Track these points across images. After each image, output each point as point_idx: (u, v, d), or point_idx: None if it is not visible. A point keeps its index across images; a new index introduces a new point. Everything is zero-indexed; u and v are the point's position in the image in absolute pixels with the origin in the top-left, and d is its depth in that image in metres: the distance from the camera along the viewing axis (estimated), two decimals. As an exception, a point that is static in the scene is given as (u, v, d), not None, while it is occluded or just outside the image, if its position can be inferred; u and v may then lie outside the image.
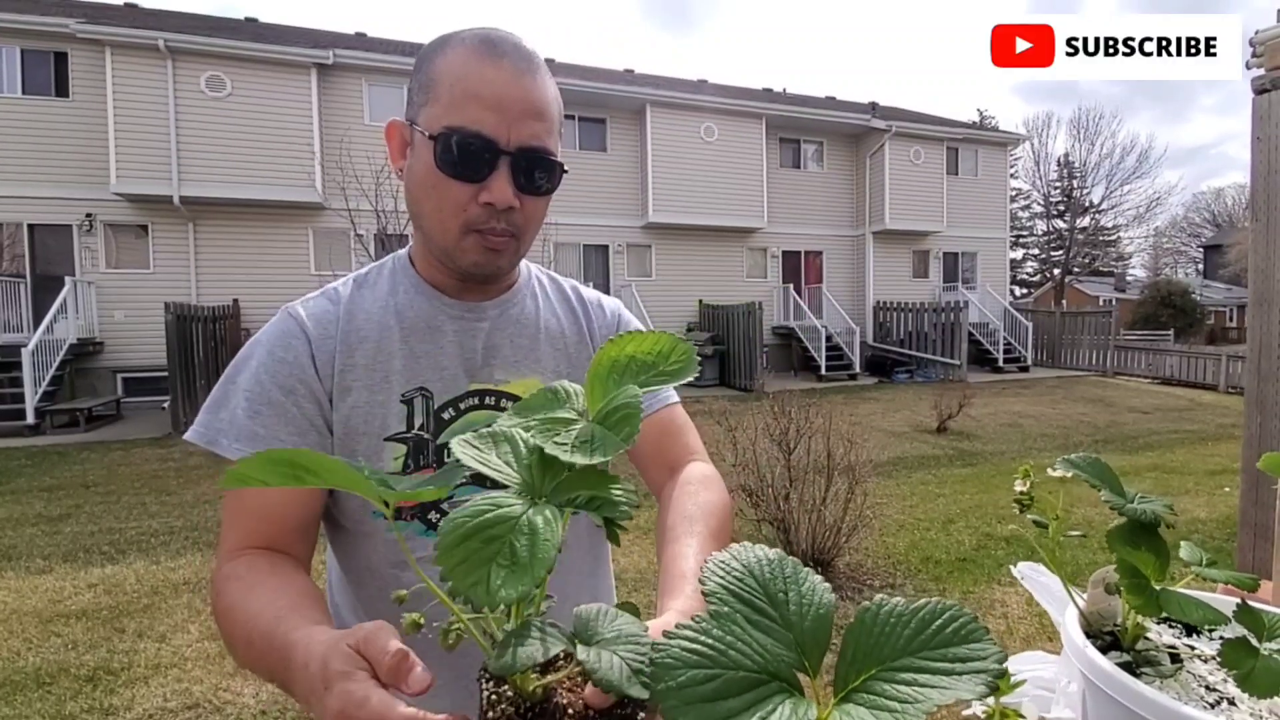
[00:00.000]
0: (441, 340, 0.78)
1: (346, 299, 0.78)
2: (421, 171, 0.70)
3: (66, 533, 4.83)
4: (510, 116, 0.67)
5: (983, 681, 0.27)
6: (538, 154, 0.70)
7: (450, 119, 0.67)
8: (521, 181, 0.70)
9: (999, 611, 3.35)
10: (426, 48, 0.73)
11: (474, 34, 0.70)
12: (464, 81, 0.67)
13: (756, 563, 0.31)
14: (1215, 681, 0.50)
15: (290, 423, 0.71)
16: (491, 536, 0.26)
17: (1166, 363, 14.32)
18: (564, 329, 0.87)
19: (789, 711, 0.25)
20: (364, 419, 0.73)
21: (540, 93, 0.70)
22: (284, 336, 0.73)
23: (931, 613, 0.29)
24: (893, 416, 9.25)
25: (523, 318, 0.83)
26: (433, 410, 0.76)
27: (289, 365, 0.72)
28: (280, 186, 11.48)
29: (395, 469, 0.73)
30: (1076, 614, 0.56)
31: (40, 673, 2.87)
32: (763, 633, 0.28)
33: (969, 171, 17.64)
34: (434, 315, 0.78)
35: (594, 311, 0.90)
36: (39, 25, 10.86)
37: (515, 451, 0.30)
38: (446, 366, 0.77)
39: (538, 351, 0.83)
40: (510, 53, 0.68)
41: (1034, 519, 0.55)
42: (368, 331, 0.76)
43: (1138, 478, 6.09)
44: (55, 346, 9.70)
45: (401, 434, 0.74)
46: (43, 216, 11.04)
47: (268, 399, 0.71)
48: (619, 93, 14.20)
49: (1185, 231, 45.71)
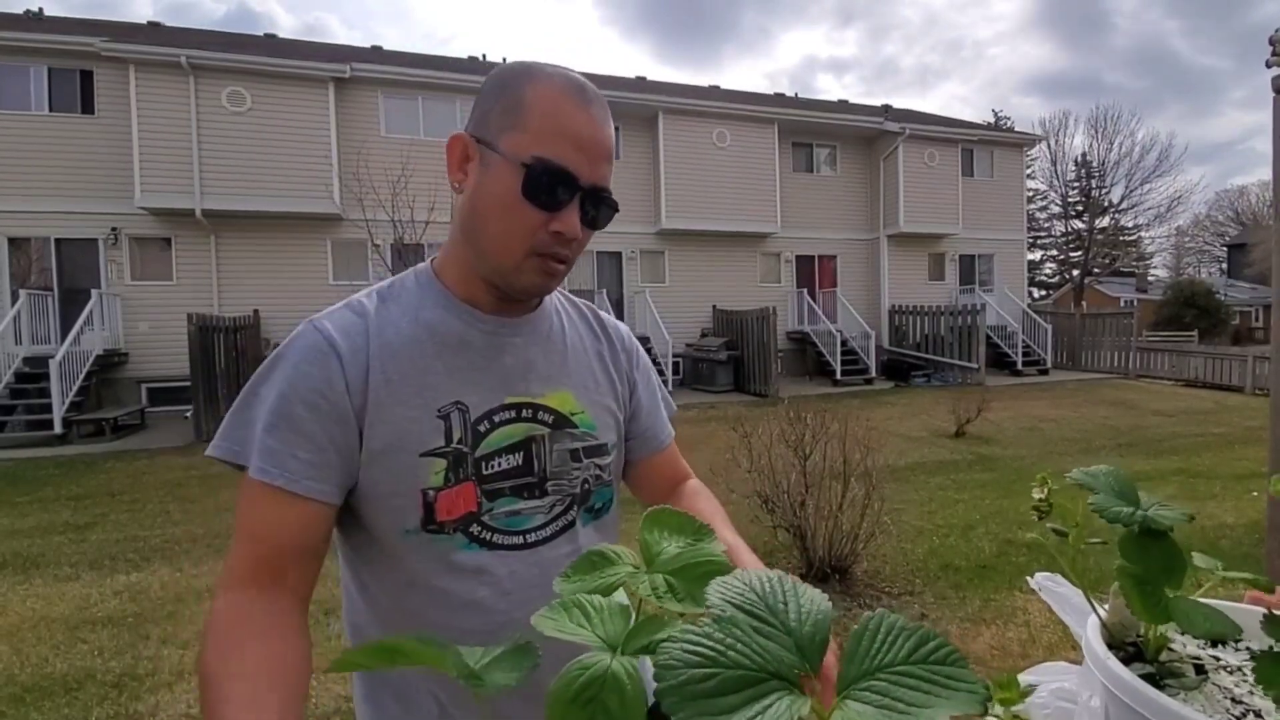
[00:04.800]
0: (475, 355, 0.79)
1: (373, 312, 0.77)
2: (498, 192, 0.72)
3: (93, 540, 4.92)
4: (591, 157, 0.72)
5: (978, 701, 0.29)
6: (604, 194, 0.75)
7: (540, 150, 0.70)
8: (586, 216, 0.74)
9: (1020, 620, 3.30)
10: (508, 73, 0.75)
11: (561, 73, 0.74)
12: (557, 118, 0.71)
13: (756, 579, 0.33)
14: (1241, 694, 0.49)
15: (308, 440, 0.69)
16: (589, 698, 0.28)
17: (1190, 364, 14.05)
18: (587, 347, 0.90)
19: (786, 706, 0.26)
20: (400, 435, 0.73)
21: (612, 141, 0.76)
22: (311, 351, 0.72)
23: (926, 635, 0.31)
24: (910, 421, 9.16)
25: (552, 334, 0.86)
26: (469, 424, 0.76)
27: (315, 380, 0.71)
28: (299, 198, 11.67)
29: (436, 483, 0.74)
30: (1098, 624, 0.55)
31: (68, 678, 2.92)
32: (763, 637, 0.29)
33: (984, 173, 17.48)
34: (466, 330, 0.79)
35: (613, 335, 0.95)
36: (66, 45, 11.16)
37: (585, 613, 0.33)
38: (482, 380, 0.78)
39: (567, 367, 0.86)
40: (595, 100, 0.74)
41: (1053, 527, 0.55)
42: (399, 346, 0.75)
43: (1163, 482, 5.98)
44: (82, 358, 9.91)
45: (441, 449, 0.74)
46: (69, 231, 11.31)
47: (288, 415, 0.69)
48: (631, 100, 14.26)
49: (1208, 230, 44.90)
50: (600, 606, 0.33)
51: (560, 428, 0.82)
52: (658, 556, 0.38)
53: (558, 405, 0.82)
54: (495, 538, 0.77)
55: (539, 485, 0.80)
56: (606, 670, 0.29)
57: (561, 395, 0.83)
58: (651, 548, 0.39)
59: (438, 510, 0.74)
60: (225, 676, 0.60)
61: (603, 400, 0.88)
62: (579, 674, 0.29)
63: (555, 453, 0.81)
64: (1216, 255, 44.52)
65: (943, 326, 14.70)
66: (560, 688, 0.29)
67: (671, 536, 0.40)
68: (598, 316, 0.96)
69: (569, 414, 0.83)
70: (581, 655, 0.30)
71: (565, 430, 0.82)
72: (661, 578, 0.36)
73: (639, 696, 0.28)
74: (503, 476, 0.77)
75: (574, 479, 0.83)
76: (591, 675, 0.29)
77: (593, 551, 0.39)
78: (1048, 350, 15.97)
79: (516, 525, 0.78)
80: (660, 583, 0.36)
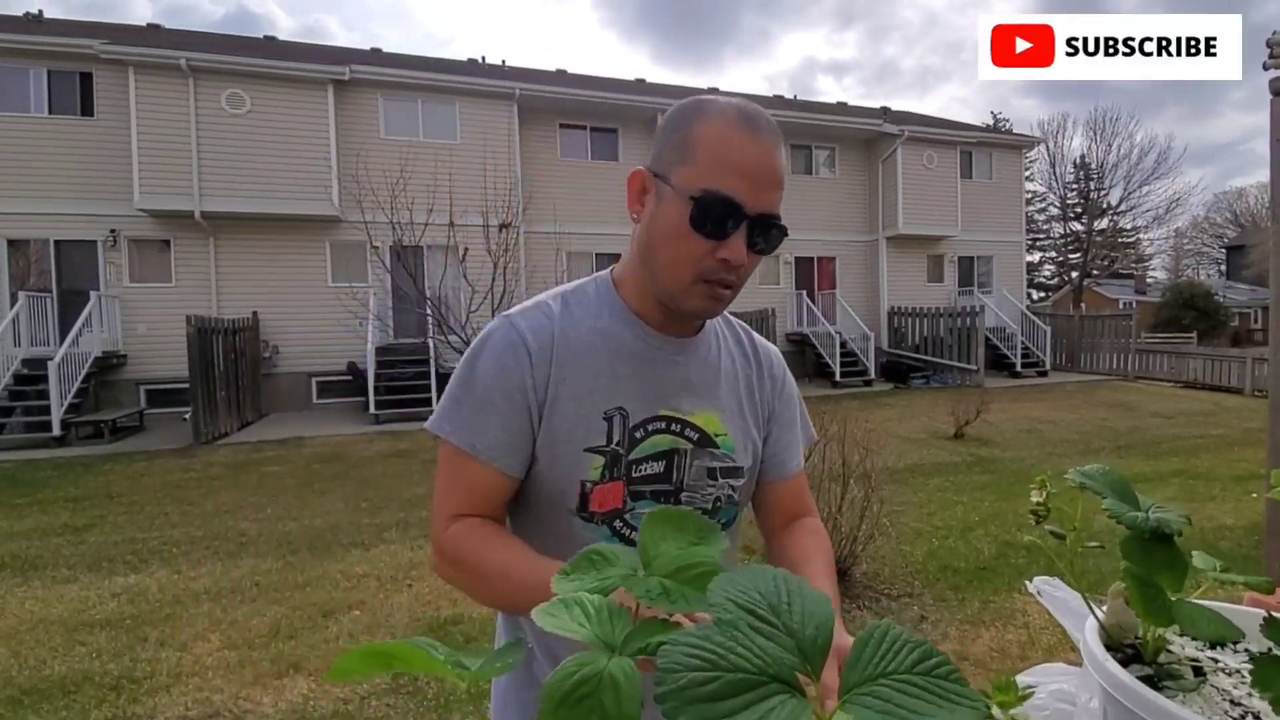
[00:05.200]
0: (640, 366, 0.86)
1: (559, 316, 0.85)
2: (669, 223, 0.77)
3: (91, 542, 4.91)
4: (758, 186, 0.75)
5: (979, 717, 0.29)
6: (772, 220, 0.77)
7: (707, 183, 0.74)
8: (753, 242, 0.77)
9: (1020, 621, 3.29)
10: (682, 110, 0.80)
11: (731, 105, 0.77)
12: (723, 150, 0.74)
13: (761, 579, 0.33)
14: (1240, 695, 0.49)
15: (505, 423, 0.81)
16: (583, 696, 0.28)
17: (1189, 366, 14.06)
18: (738, 372, 0.95)
19: (787, 711, 0.26)
20: (569, 430, 0.82)
21: (782, 167, 0.78)
22: (509, 345, 0.82)
23: (930, 650, 0.31)
24: (909, 423, 9.16)
25: (709, 357, 0.92)
26: (627, 428, 0.84)
27: (510, 372, 0.81)
28: (298, 200, 11.67)
29: (594, 477, 0.83)
30: (1096, 626, 0.55)
31: (66, 681, 2.92)
32: (765, 638, 0.29)
33: (983, 175, 17.51)
34: (635, 343, 0.86)
35: (764, 361, 0.99)
36: (65, 47, 11.16)
37: (585, 612, 0.33)
38: (642, 390, 0.85)
39: (718, 390, 0.91)
40: (764, 128, 0.76)
41: (1051, 530, 0.55)
42: (578, 351, 0.84)
43: (1162, 484, 5.98)
44: (80, 359, 9.90)
45: (601, 447, 0.83)
46: (68, 233, 11.31)
47: (489, 401, 0.81)
48: (631, 103, 14.29)
49: (1207, 232, 44.92)
50: (600, 606, 0.33)
51: (703, 446, 0.88)
52: (655, 560, 0.38)
53: (704, 425, 0.89)
54: (633, 535, 0.83)
55: (674, 494, 0.87)
56: (603, 670, 0.29)
57: (709, 416, 0.89)
58: (650, 550, 0.39)
59: (591, 501, 0.83)
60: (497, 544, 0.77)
61: (745, 425, 0.93)
62: (574, 672, 0.29)
63: (694, 468, 0.88)
64: (1215, 257, 44.55)
65: (942, 328, 14.71)
66: (555, 685, 0.29)
67: (671, 537, 0.40)
68: (751, 340, 1.00)
69: (713, 434, 0.89)
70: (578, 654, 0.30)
71: (707, 449, 0.89)
72: (657, 581, 0.37)
73: (634, 697, 0.28)
74: (646, 481, 0.85)
75: (707, 495, 0.89)
76: (587, 674, 0.29)
77: (592, 550, 0.39)
78: (1047, 352, 15.98)
79: None
80: (655, 585, 0.36)
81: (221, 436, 9.46)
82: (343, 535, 4.98)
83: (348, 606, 3.69)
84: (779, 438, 0.97)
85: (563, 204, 13.11)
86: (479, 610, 3.58)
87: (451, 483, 0.83)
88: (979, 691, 0.49)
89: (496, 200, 9.93)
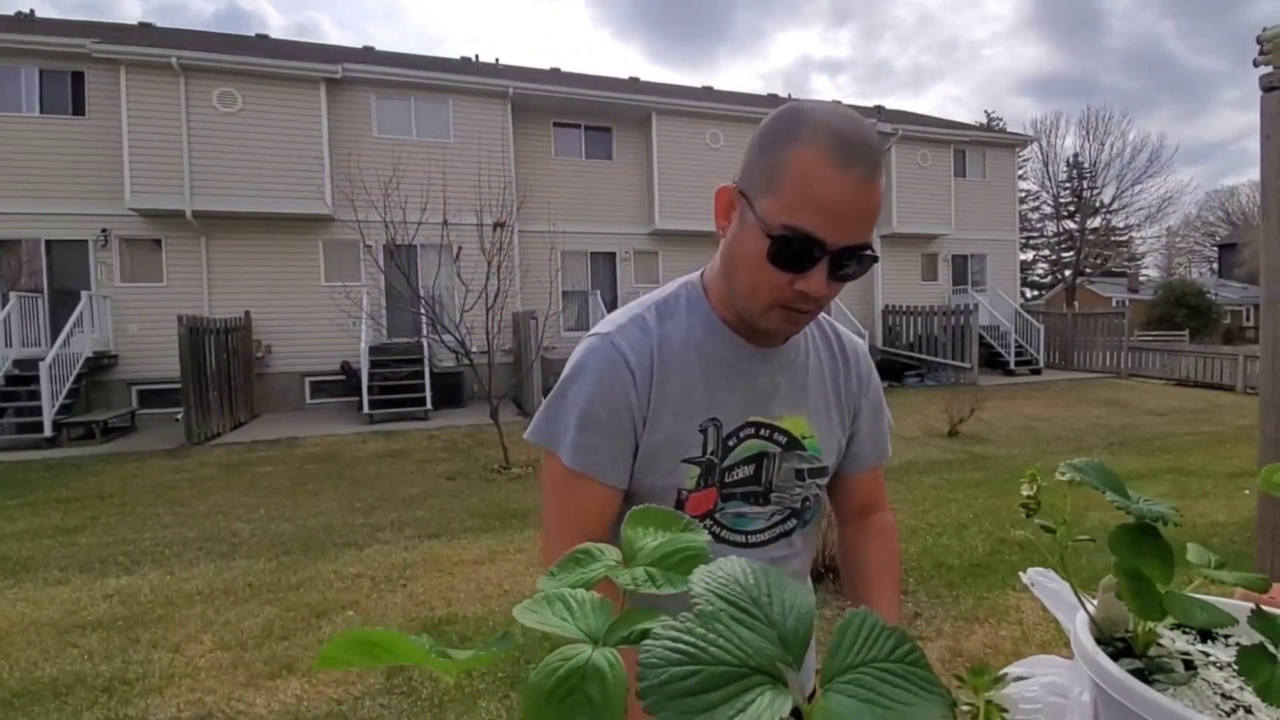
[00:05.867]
0: (735, 377, 0.88)
1: (655, 330, 0.87)
2: (750, 252, 0.77)
3: (82, 544, 4.88)
4: (845, 224, 0.72)
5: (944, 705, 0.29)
6: (857, 251, 0.75)
7: (789, 219, 0.72)
8: (837, 272, 0.76)
9: (1014, 618, 3.31)
10: (776, 128, 0.76)
11: (829, 130, 0.72)
12: (810, 187, 0.71)
13: (742, 570, 0.33)
14: (1231, 689, 0.49)
15: (612, 440, 0.83)
16: (569, 689, 0.28)
17: (1182, 363, 14.14)
18: (825, 372, 0.96)
19: (768, 701, 0.26)
20: (669, 443, 0.85)
21: (876, 198, 0.74)
22: (612, 366, 0.84)
23: (902, 636, 0.31)
24: (904, 421, 9.18)
25: (798, 361, 0.93)
26: (721, 438, 0.87)
27: (615, 392, 0.83)
28: (291, 199, 11.61)
29: (690, 486, 0.86)
30: (1086, 620, 0.55)
31: (57, 683, 2.90)
32: (746, 629, 0.29)
33: (977, 174, 17.57)
34: (726, 353, 0.88)
35: (851, 359, 0.99)
36: (56, 46, 11.08)
37: (567, 607, 0.33)
38: (735, 401, 0.87)
39: (807, 393, 0.93)
40: (860, 160, 0.71)
41: (1041, 524, 0.55)
42: (674, 366, 0.86)
43: (1155, 480, 6.01)
44: (72, 360, 9.84)
45: (697, 458, 0.86)
46: (59, 232, 11.23)
47: (597, 420, 0.83)
48: (625, 101, 14.27)
49: (1199, 230, 45.21)
50: (583, 600, 0.33)
51: (791, 449, 0.91)
52: (639, 552, 0.38)
53: (791, 429, 0.91)
54: (724, 533, 0.89)
55: (764, 495, 0.90)
56: (587, 661, 0.29)
57: (796, 420, 0.91)
58: (634, 544, 0.39)
59: (687, 507, 0.86)
60: None
61: (830, 425, 0.95)
62: (559, 665, 0.29)
63: (783, 470, 0.91)
64: (1207, 255, 44.83)
65: (936, 326, 14.76)
66: (540, 679, 0.28)
67: (653, 532, 0.40)
68: (839, 338, 1.00)
69: (801, 437, 0.91)
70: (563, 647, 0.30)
71: (795, 452, 0.91)
72: (642, 569, 0.37)
73: (620, 686, 0.28)
74: (738, 484, 0.89)
75: (795, 495, 0.92)
76: (572, 666, 0.28)
77: (578, 549, 0.39)
78: (1040, 350, 16.05)
79: (741, 526, 0.90)
80: (640, 574, 0.36)
81: (214, 437, 9.41)
82: (336, 535, 4.97)
83: (341, 607, 3.67)
84: (862, 433, 0.99)
85: (557, 203, 13.09)
86: (473, 610, 3.58)
87: (562, 501, 0.86)
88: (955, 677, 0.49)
89: (490, 199, 9.90)
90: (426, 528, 5.10)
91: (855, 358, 1.00)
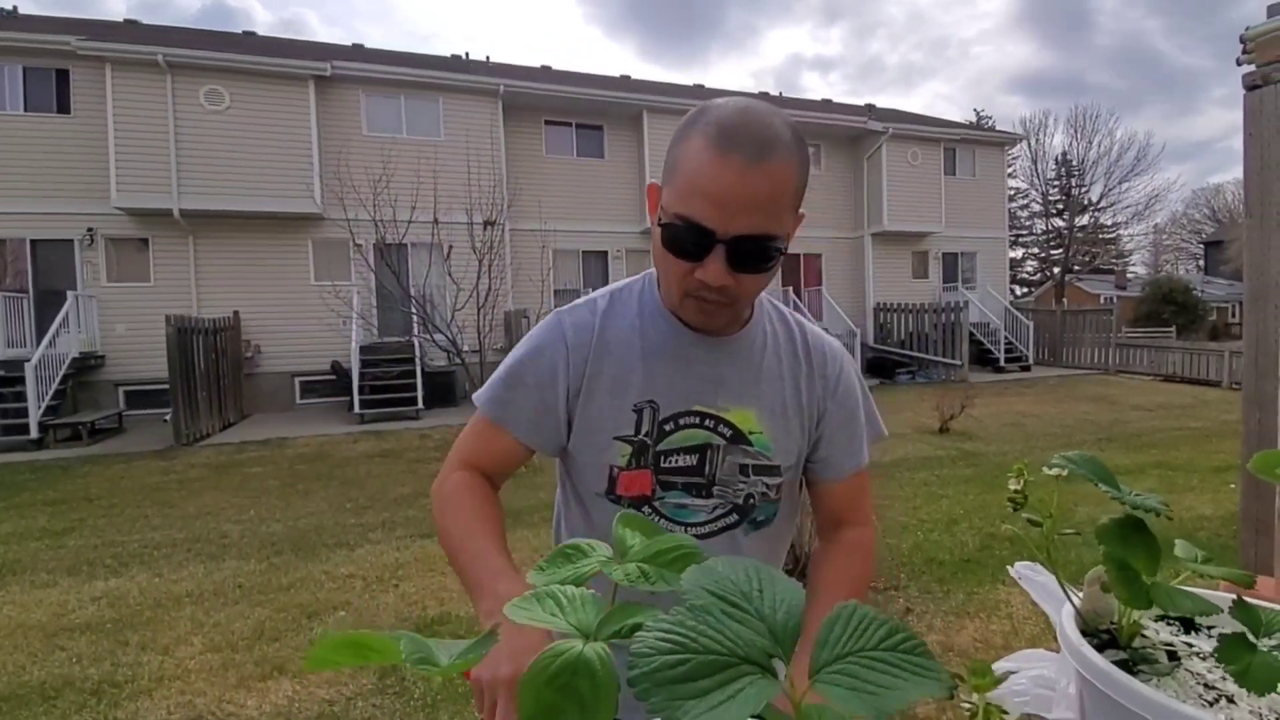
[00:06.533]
0: (674, 362, 0.89)
1: (603, 313, 0.92)
2: (657, 241, 0.80)
3: (70, 546, 4.83)
4: (730, 210, 0.72)
5: (945, 687, 0.30)
6: (753, 240, 0.75)
7: (680, 208, 0.75)
8: (736, 263, 0.76)
9: (1004, 612, 3.33)
10: (685, 119, 0.79)
11: (717, 120, 0.74)
12: (693, 176, 0.73)
13: (733, 566, 0.33)
14: (1213, 679, 0.50)
15: (529, 401, 0.89)
16: (561, 685, 0.29)
17: (1169, 360, 14.30)
18: (784, 371, 0.95)
19: (757, 690, 0.26)
20: (601, 420, 0.88)
21: (766, 184, 0.73)
22: (551, 339, 0.90)
23: (896, 626, 0.32)
24: (895, 418, 9.24)
25: (750, 354, 0.92)
26: (657, 421, 0.88)
27: (545, 360, 0.89)
28: (279, 198, 11.53)
29: (621, 463, 0.89)
30: (1072, 612, 0.56)
31: (45, 686, 2.87)
32: (737, 623, 0.29)
33: (967, 172, 17.67)
34: (671, 341, 0.90)
35: (816, 359, 0.97)
36: (40, 43, 10.95)
37: (558, 603, 0.34)
38: (676, 386, 0.89)
39: (758, 387, 0.92)
40: (743, 145, 0.71)
41: (1028, 517, 0.55)
42: (615, 346, 0.90)
43: (1142, 475, 6.07)
44: (58, 361, 9.73)
45: (630, 436, 0.88)
46: (45, 232, 11.10)
47: (522, 381, 0.90)
48: (616, 99, 14.26)
49: (1185, 228, 45.70)
50: (573, 596, 0.34)
51: (736, 443, 0.90)
52: (630, 549, 0.39)
53: (738, 421, 0.90)
54: (663, 523, 0.90)
55: (707, 487, 0.91)
56: (578, 656, 0.29)
57: (744, 413, 0.91)
58: (626, 541, 0.39)
59: (619, 485, 0.89)
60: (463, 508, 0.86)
61: (788, 425, 0.93)
62: (551, 660, 0.29)
63: (726, 463, 0.91)
64: (1194, 252, 45.30)
65: (927, 324, 14.85)
66: (532, 674, 0.29)
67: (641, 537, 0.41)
68: (805, 338, 0.98)
69: (747, 431, 0.91)
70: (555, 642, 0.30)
71: (740, 446, 0.91)
72: (634, 565, 0.37)
73: (610, 680, 0.28)
74: (677, 472, 0.89)
75: (739, 490, 0.92)
76: (564, 661, 0.29)
77: (568, 545, 0.39)
78: (1030, 347, 16.19)
79: (682, 517, 0.91)
80: (633, 570, 0.37)
81: (203, 437, 9.34)
82: (327, 536, 4.94)
83: (333, 607, 3.66)
84: (832, 441, 0.96)
85: (548, 201, 13.07)
86: (466, 609, 3.57)
87: (473, 438, 0.93)
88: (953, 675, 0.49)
89: (481, 197, 9.88)
90: (418, 527, 5.08)
91: (822, 360, 0.97)
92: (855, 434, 0.98)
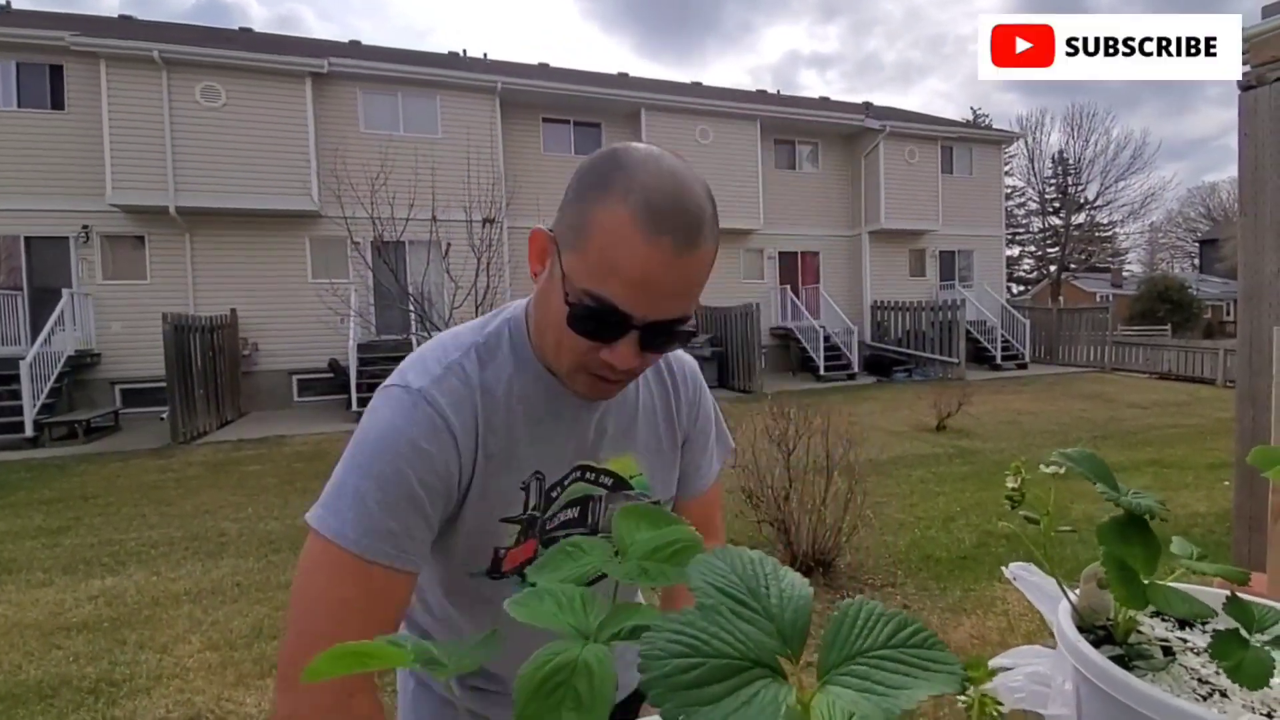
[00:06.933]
0: (557, 426, 0.80)
1: (477, 381, 0.75)
2: (554, 310, 0.68)
3: (66, 545, 4.82)
4: (652, 297, 0.64)
5: (956, 681, 0.30)
6: (670, 325, 0.68)
7: (591, 284, 0.64)
8: (648, 345, 0.68)
9: (1000, 609, 3.35)
10: (594, 169, 0.66)
11: (642, 189, 0.62)
12: (614, 251, 0.62)
13: (739, 561, 0.33)
14: (1208, 674, 0.50)
15: (424, 520, 0.70)
16: (558, 683, 0.29)
17: (1164, 358, 14.35)
18: (655, 406, 0.91)
19: (769, 694, 0.26)
20: (488, 505, 0.77)
21: (693, 269, 0.65)
22: (431, 430, 0.71)
23: (905, 620, 0.32)
24: (892, 416, 9.26)
25: (626, 399, 0.87)
26: (544, 491, 0.80)
27: (434, 462, 0.70)
28: (276, 195, 11.49)
29: (508, 544, 0.79)
30: (1069, 609, 0.56)
31: (42, 685, 2.87)
32: (745, 623, 0.29)
33: (964, 170, 17.69)
34: (550, 403, 0.79)
35: (679, 386, 0.93)
36: (35, 39, 10.88)
37: (558, 602, 0.33)
38: (559, 451, 0.81)
39: (635, 430, 0.88)
40: (674, 229, 0.62)
41: (1025, 515, 0.56)
42: (497, 422, 0.76)
43: (1137, 473, 6.10)
44: (53, 359, 9.69)
45: (518, 516, 0.79)
46: (39, 229, 11.05)
47: (410, 496, 0.68)
48: (613, 97, 14.24)
49: (1181, 227, 45.84)
50: (573, 595, 0.34)
51: (618, 489, 0.86)
52: (631, 545, 0.39)
53: (619, 469, 0.86)
54: None
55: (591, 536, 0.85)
56: (576, 657, 0.29)
57: (624, 461, 0.87)
58: (626, 538, 0.39)
59: (504, 563, 0.80)
60: None
61: (663, 459, 0.91)
62: (548, 660, 0.29)
63: (609, 511, 0.86)
64: (1189, 251, 45.47)
65: (924, 322, 14.88)
66: (529, 673, 0.29)
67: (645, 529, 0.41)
68: (670, 366, 0.93)
69: (628, 477, 0.87)
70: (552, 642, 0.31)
71: (622, 492, 0.87)
72: (635, 563, 0.37)
73: (607, 682, 0.28)
74: (561, 527, 0.83)
75: None
76: (561, 661, 0.29)
77: (567, 543, 0.40)
78: (1026, 345, 16.23)
79: None
80: (635, 567, 0.37)
81: (200, 436, 9.32)
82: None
83: (331, 605, 3.65)
84: (690, 460, 0.96)
85: (546, 199, 13.01)
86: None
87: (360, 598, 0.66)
88: None
89: (479, 195, 9.85)
90: (416, 525, 5.08)
91: (684, 384, 0.93)
92: (708, 450, 0.98)
